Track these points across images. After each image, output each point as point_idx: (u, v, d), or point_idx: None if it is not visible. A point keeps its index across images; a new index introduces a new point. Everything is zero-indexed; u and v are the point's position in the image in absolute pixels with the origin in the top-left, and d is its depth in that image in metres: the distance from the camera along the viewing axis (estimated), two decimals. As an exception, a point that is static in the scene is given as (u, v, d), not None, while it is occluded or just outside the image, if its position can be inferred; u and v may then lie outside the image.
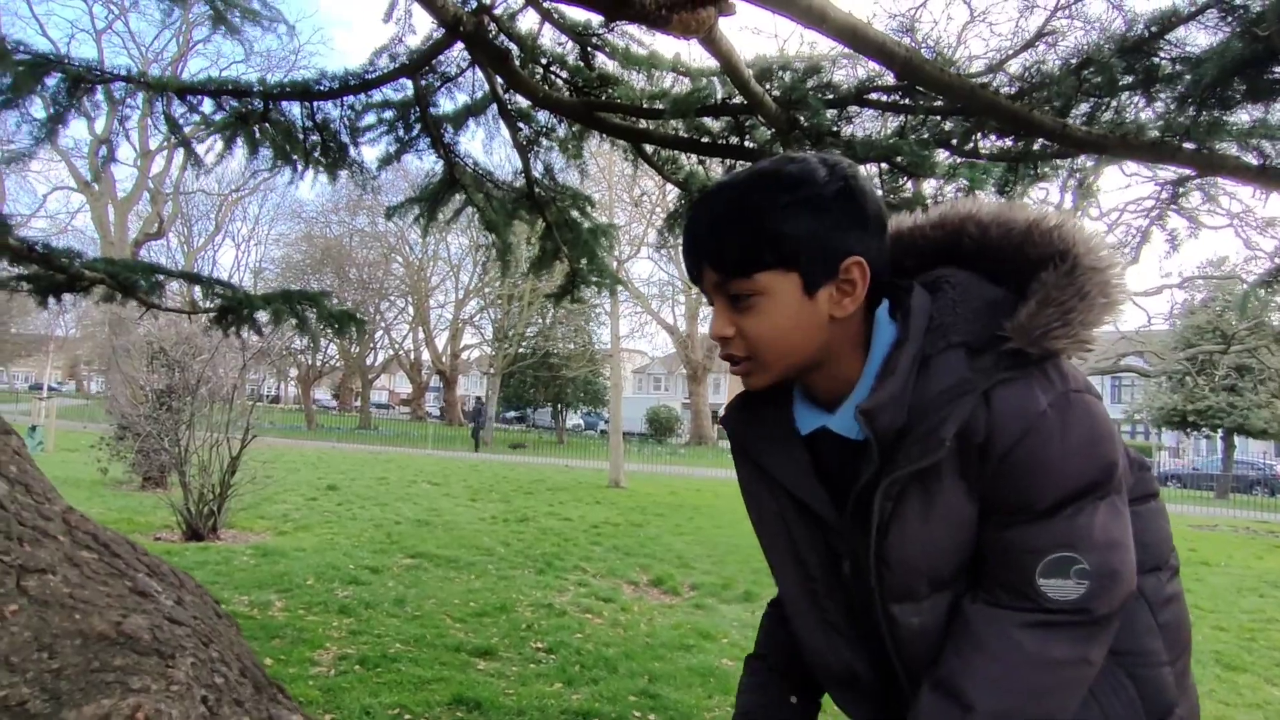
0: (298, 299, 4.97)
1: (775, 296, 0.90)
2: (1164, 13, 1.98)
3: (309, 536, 7.51)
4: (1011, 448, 0.84)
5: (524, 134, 3.60)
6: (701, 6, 1.52)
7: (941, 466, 0.87)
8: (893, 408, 0.88)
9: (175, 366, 8.68)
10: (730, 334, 0.93)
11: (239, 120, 3.96)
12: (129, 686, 0.65)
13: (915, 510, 0.89)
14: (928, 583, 0.92)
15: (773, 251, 0.88)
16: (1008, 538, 0.87)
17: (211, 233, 36.16)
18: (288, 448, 17.10)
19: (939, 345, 0.89)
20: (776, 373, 0.94)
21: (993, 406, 0.84)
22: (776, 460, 1.01)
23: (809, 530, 1.01)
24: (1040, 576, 0.85)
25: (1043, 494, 0.85)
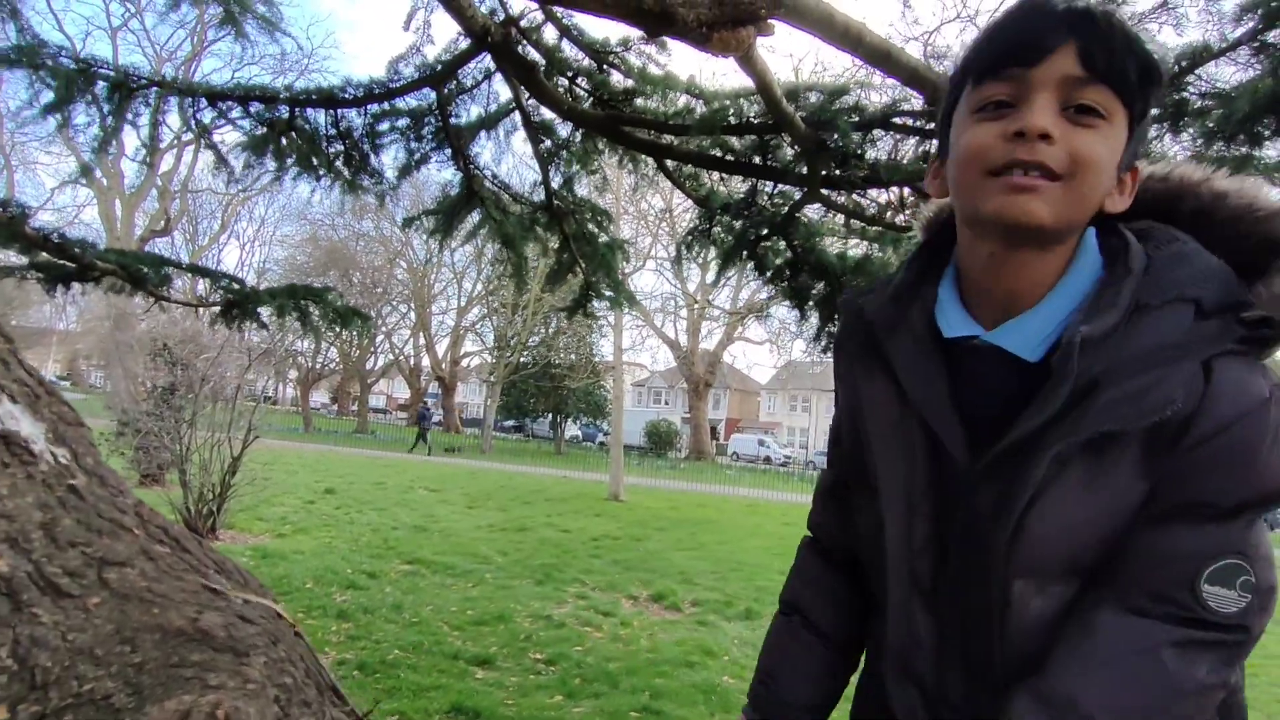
0: (303, 294, 4.99)
1: (1112, 133, 0.74)
2: (1196, 48, 2.00)
3: (307, 539, 7.49)
4: (1219, 432, 0.71)
5: (545, 146, 3.62)
6: (741, 26, 1.54)
7: (1129, 440, 0.73)
8: (1104, 342, 0.74)
9: (179, 364, 8.67)
10: (1055, 136, 0.72)
11: (268, 128, 3.98)
12: (207, 683, 0.65)
13: (1081, 480, 0.75)
14: (1063, 564, 0.78)
15: (1144, 91, 0.74)
16: (1174, 536, 0.74)
17: (217, 232, 36.20)
18: (286, 450, 17.06)
19: (1165, 295, 0.75)
20: (1065, 216, 0.74)
21: (1212, 380, 0.71)
22: (914, 372, 0.86)
23: (929, 464, 0.85)
24: (1206, 583, 0.72)
25: (1235, 492, 0.72)
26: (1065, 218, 0.74)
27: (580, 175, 3.74)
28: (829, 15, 1.73)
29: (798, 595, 1.09)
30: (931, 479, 0.85)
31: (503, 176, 4.47)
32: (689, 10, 1.51)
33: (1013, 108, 0.75)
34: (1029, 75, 0.73)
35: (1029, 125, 0.72)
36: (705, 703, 3.86)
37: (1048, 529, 0.76)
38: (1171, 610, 0.73)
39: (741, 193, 3.24)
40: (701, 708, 3.80)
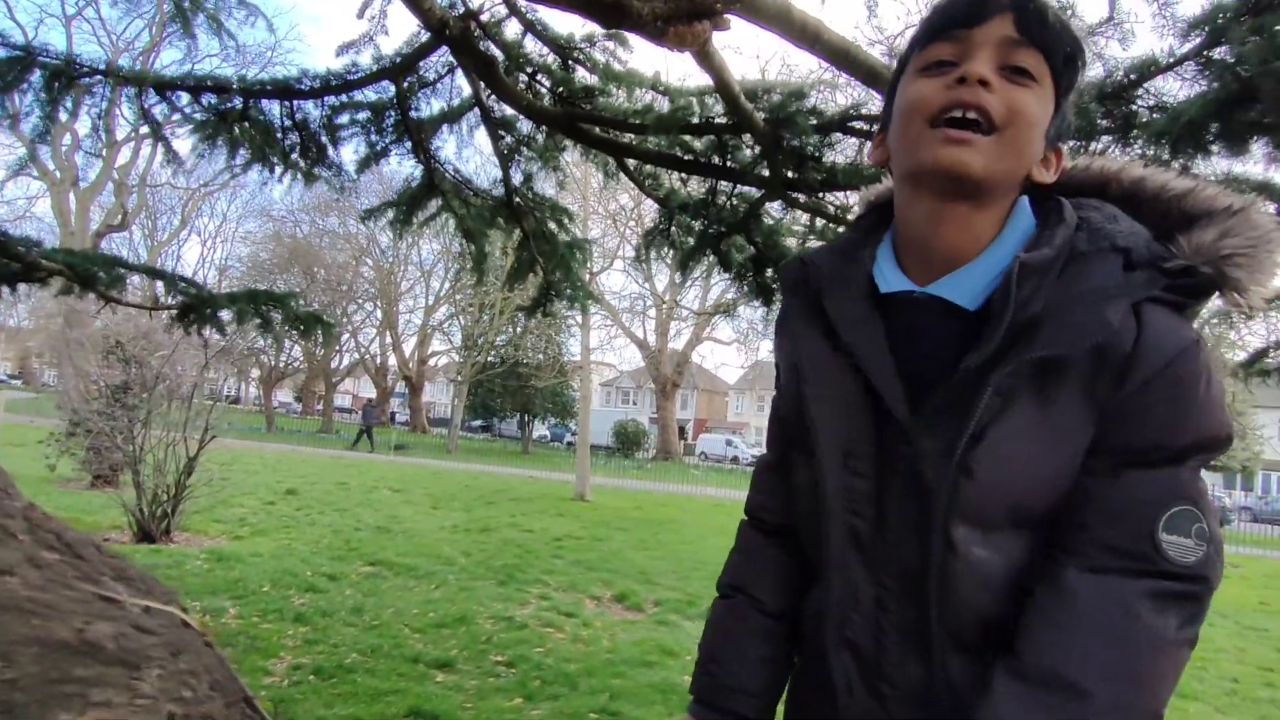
0: (263, 299, 4.88)
1: (1043, 97, 0.81)
2: (1143, 61, 2.03)
3: (266, 541, 7.34)
4: (1160, 371, 0.74)
5: (505, 142, 3.58)
6: (697, 20, 1.52)
7: (1068, 370, 0.75)
8: (1042, 279, 0.77)
9: (132, 362, 8.44)
10: (995, 84, 0.78)
11: (219, 118, 3.88)
12: (90, 699, 0.61)
13: (1026, 416, 0.76)
14: (1010, 511, 0.78)
15: (1069, 65, 0.81)
16: (1127, 483, 0.75)
17: (177, 228, 35.45)
18: (246, 450, 16.73)
19: (1096, 244, 0.79)
20: (996, 168, 0.79)
21: (1143, 321, 0.75)
22: (853, 326, 0.87)
23: (866, 418, 0.85)
24: (1164, 531, 0.73)
25: (1179, 434, 0.75)
26: (995, 170, 0.79)
27: (542, 173, 3.70)
28: (786, 11, 1.72)
29: (739, 576, 1.06)
30: (869, 434, 0.85)
31: (467, 172, 4.44)
32: (644, 3, 1.49)
33: (955, 65, 0.81)
34: (970, 35, 0.80)
35: (969, 71, 0.78)
36: (663, 702, 3.85)
37: (993, 468, 0.76)
38: (1136, 564, 0.74)
39: (701, 193, 3.23)
40: (659, 707, 3.79)
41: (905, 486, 0.82)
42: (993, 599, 0.79)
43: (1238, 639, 7.28)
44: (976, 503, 0.77)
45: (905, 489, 0.82)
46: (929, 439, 0.80)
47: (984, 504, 0.77)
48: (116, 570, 0.85)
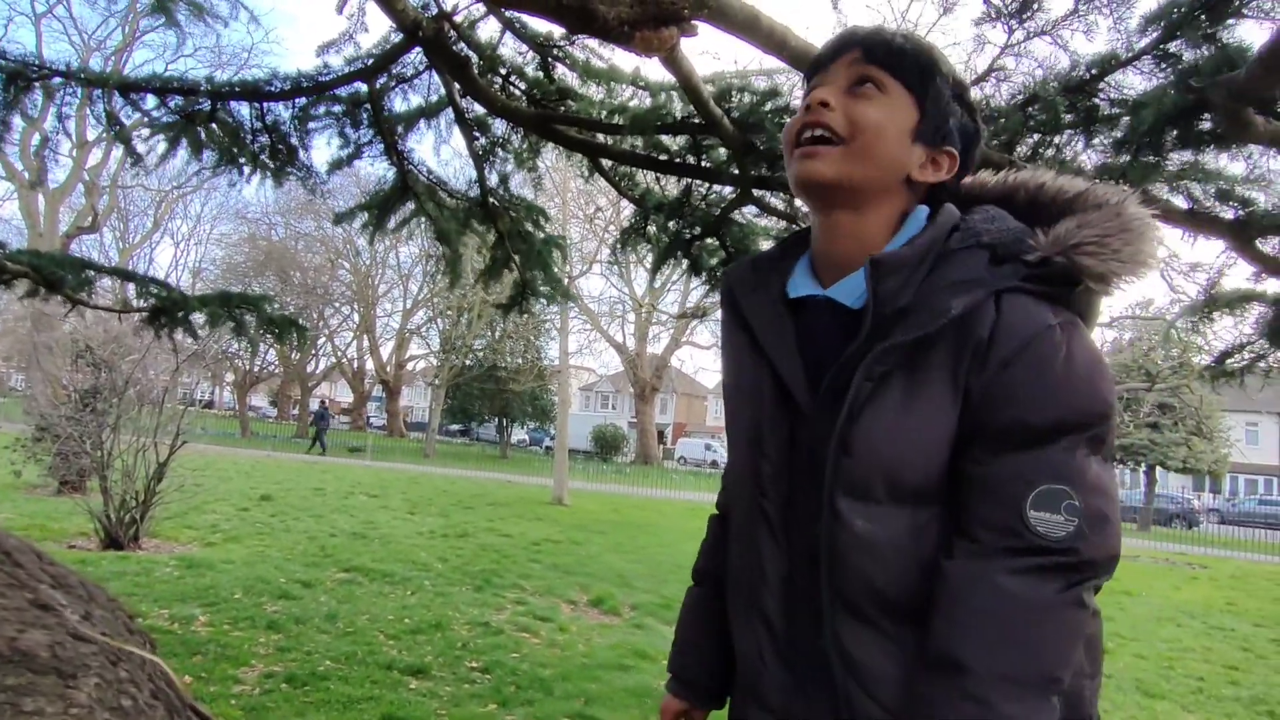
0: (237, 302, 4.82)
1: (894, 105, 0.91)
2: (1104, 56, 2.07)
3: (239, 548, 7.24)
4: (1015, 354, 0.81)
5: (480, 143, 3.56)
6: (664, 26, 1.52)
7: (933, 356, 0.83)
8: (904, 273, 0.86)
9: (102, 366, 8.30)
10: (833, 104, 0.91)
11: (185, 120, 3.83)
12: (21, 708, 0.59)
13: (896, 397, 0.84)
14: (886, 484, 0.84)
15: (921, 79, 0.92)
16: (998, 465, 0.82)
17: (149, 230, 34.83)
18: (220, 455, 16.50)
19: (964, 242, 0.87)
20: (845, 171, 0.90)
21: (1002, 309, 0.82)
22: (766, 326, 0.97)
23: (776, 408, 0.94)
24: (1031, 508, 0.79)
25: (1040, 412, 0.80)
26: (848, 174, 0.90)
27: (519, 174, 3.69)
28: (754, 17, 1.73)
29: (706, 564, 1.16)
30: (781, 422, 0.94)
31: (442, 172, 4.40)
32: (610, 8, 1.49)
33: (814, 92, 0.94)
34: (827, 70, 0.94)
35: (812, 97, 0.92)
36: (639, 706, 3.84)
37: (869, 442, 0.84)
38: (1007, 541, 0.79)
39: (676, 193, 3.23)
40: (634, 711, 3.78)
41: (807, 467, 0.90)
42: (879, 569, 0.85)
43: (1204, 638, 7.39)
44: (854, 476, 0.84)
45: (807, 470, 0.90)
46: (823, 420, 0.88)
47: (860, 477, 0.84)
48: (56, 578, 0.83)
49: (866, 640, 0.86)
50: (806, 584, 0.90)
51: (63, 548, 6.64)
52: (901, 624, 0.85)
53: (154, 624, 4.48)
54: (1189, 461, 24.62)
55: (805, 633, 0.91)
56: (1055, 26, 2.17)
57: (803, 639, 0.92)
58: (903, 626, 0.85)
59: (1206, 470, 25.53)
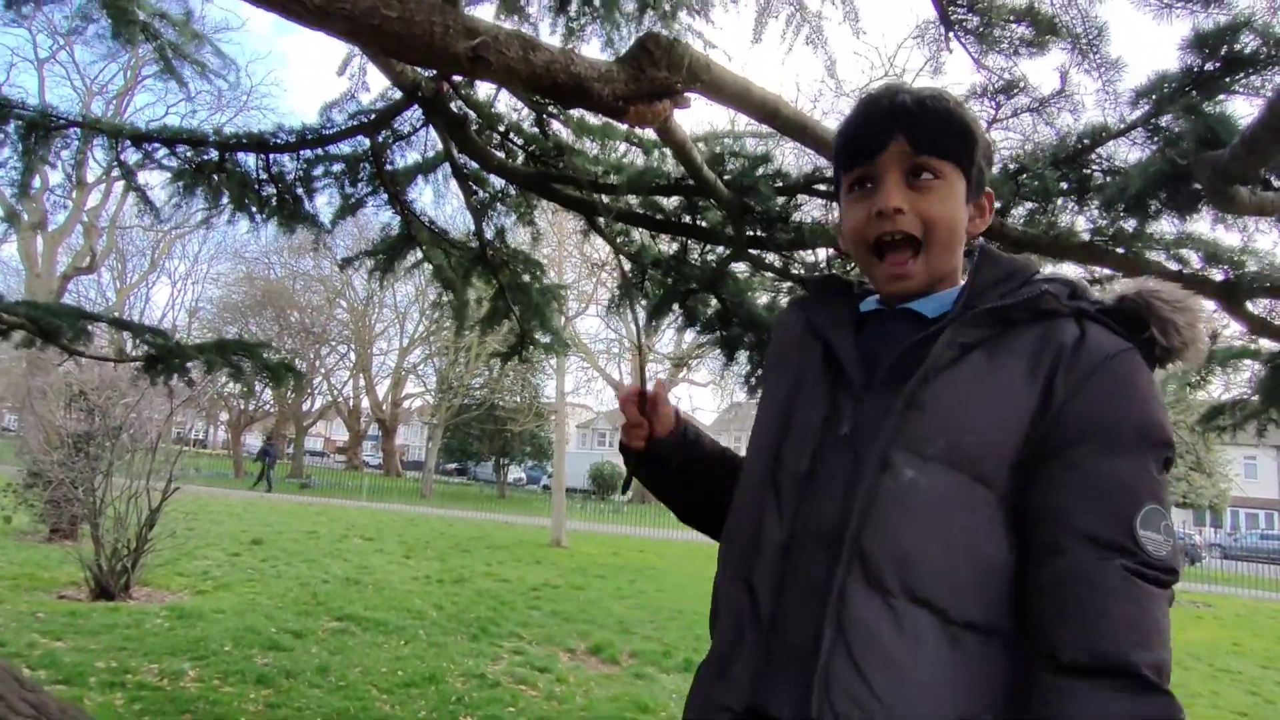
0: (233, 349, 4.83)
1: (952, 186, 0.96)
2: (1095, 128, 2.12)
3: (229, 596, 7.15)
4: (1100, 364, 0.84)
5: (478, 197, 3.60)
6: (658, 99, 1.55)
7: (1015, 343, 0.87)
8: (999, 270, 0.94)
9: (96, 411, 8.26)
10: (906, 207, 0.94)
11: (195, 169, 3.88)
12: None
13: (977, 366, 0.87)
14: (946, 446, 0.85)
15: (965, 149, 0.97)
16: (1102, 473, 0.82)
17: (146, 270, 34.95)
18: (212, 497, 16.35)
19: (1044, 275, 0.95)
20: (931, 267, 0.96)
21: (1086, 330, 0.87)
22: (827, 321, 1.02)
23: (817, 387, 0.97)
24: (1140, 527, 0.80)
25: (1127, 419, 0.83)
26: (934, 271, 0.97)
27: (516, 227, 3.73)
28: (746, 88, 1.77)
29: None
30: (816, 398, 0.96)
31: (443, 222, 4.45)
32: (604, 85, 1.52)
33: (871, 185, 0.98)
34: (875, 163, 0.97)
35: (885, 205, 0.95)
36: (639, 766, 3.76)
37: (942, 402, 0.86)
38: (1121, 558, 0.80)
39: (671, 250, 3.27)
40: (635, 772, 3.70)
41: (843, 440, 0.91)
42: (914, 530, 0.84)
43: (1212, 683, 7.30)
44: (918, 432, 0.85)
45: (843, 442, 0.91)
46: (882, 394, 0.90)
47: (924, 434, 0.85)
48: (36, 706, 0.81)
49: (876, 610, 0.82)
50: (805, 560, 0.88)
51: (53, 598, 6.55)
52: (918, 606, 0.82)
53: (143, 680, 4.40)
54: (1189, 497, 24.53)
55: (792, 613, 0.88)
56: (1043, 105, 2.23)
57: (788, 620, 0.88)
58: (918, 610, 0.82)
59: (1207, 505, 25.40)
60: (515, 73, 1.42)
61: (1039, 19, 2.07)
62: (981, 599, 0.84)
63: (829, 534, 0.87)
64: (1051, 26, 2.01)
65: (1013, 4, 2.10)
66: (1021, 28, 2.28)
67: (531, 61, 1.43)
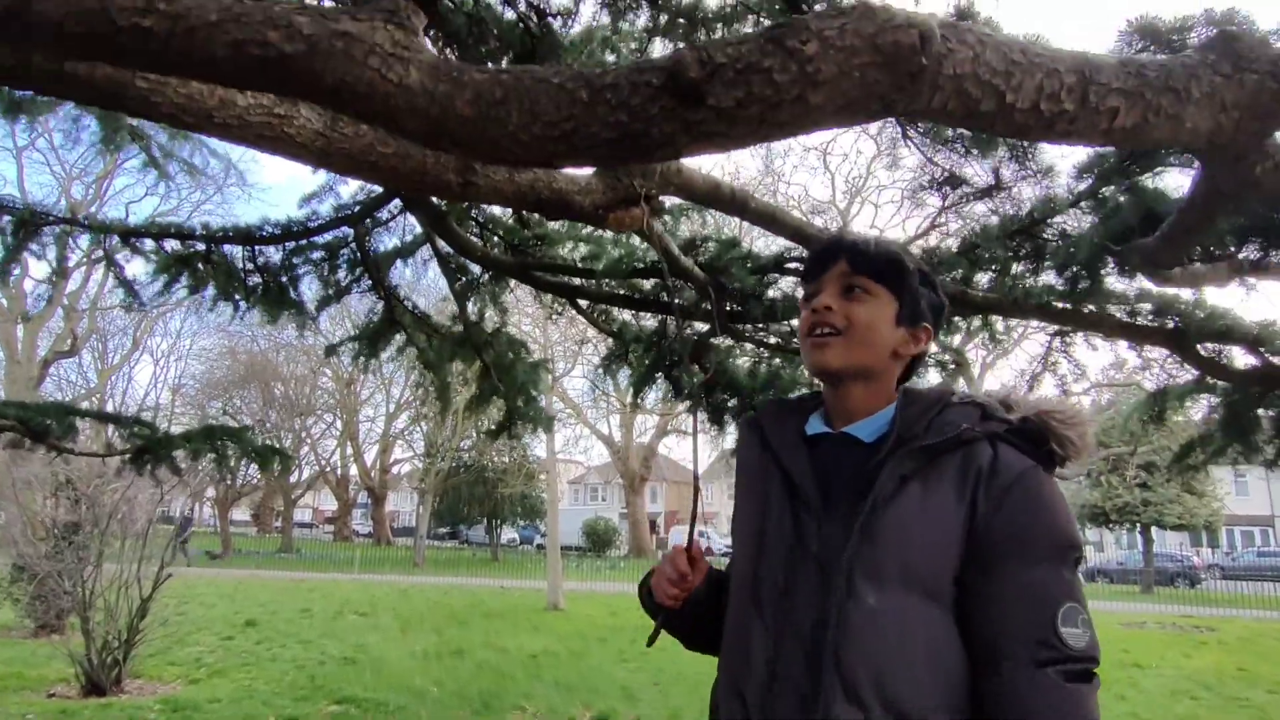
0: (219, 435, 4.87)
1: (880, 304, 1.16)
2: (1044, 202, 2.30)
3: (224, 684, 7.00)
4: (1013, 482, 1.02)
5: (460, 283, 3.71)
6: (634, 205, 1.66)
7: (944, 471, 1.04)
8: (922, 407, 1.11)
9: (84, 501, 8.17)
10: (835, 307, 1.15)
11: (180, 261, 3.97)
12: None
13: (914, 497, 1.03)
14: (899, 569, 1.00)
15: (897, 279, 1.17)
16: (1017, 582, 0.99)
17: (129, 350, 34.78)
18: (201, 578, 16.06)
19: (962, 400, 1.13)
20: (849, 359, 1.15)
21: (999, 452, 1.05)
22: (784, 446, 1.18)
23: (784, 509, 1.12)
24: (1062, 625, 0.97)
25: (1040, 532, 1.01)
26: (851, 359, 1.15)
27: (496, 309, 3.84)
28: (715, 186, 1.89)
29: None
30: (784, 520, 1.11)
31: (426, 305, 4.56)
32: (585, 197, 1.62)
33: (818, 296, 1.19)
34: (822, 277, 1.19)
35: (818, 302, 1.18)
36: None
37: (890, 532, 1.01)
38: (1046, 654, 0.96)
39: (653, 326, 3.39)
40: None
41: (811, 558, 1.06)
42: (884, 648, 0.98)
43: (1221, 714, 7.24)
44: (874, 559, 1.01)
45: (811, 560, 1.05)
46: (840, 518, 1.05)
47: (879, 560, 1.01)
48: None
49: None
50: (792, 671, 1.02)
51: (42, 697, 6.40)
52: (892, 717, 0.96)
53: (140, 783, 4.31)
54: (1184, 519, 24.52)
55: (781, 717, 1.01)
56: (983, 196, 2.41)
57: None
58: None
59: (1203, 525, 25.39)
60: (502, 193, 1.52)
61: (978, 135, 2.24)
62: (948, 702, 0.99)
63: (809, 649, 1.02)
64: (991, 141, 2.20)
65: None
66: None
67: (516, 182, 1.54)
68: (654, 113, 0.78)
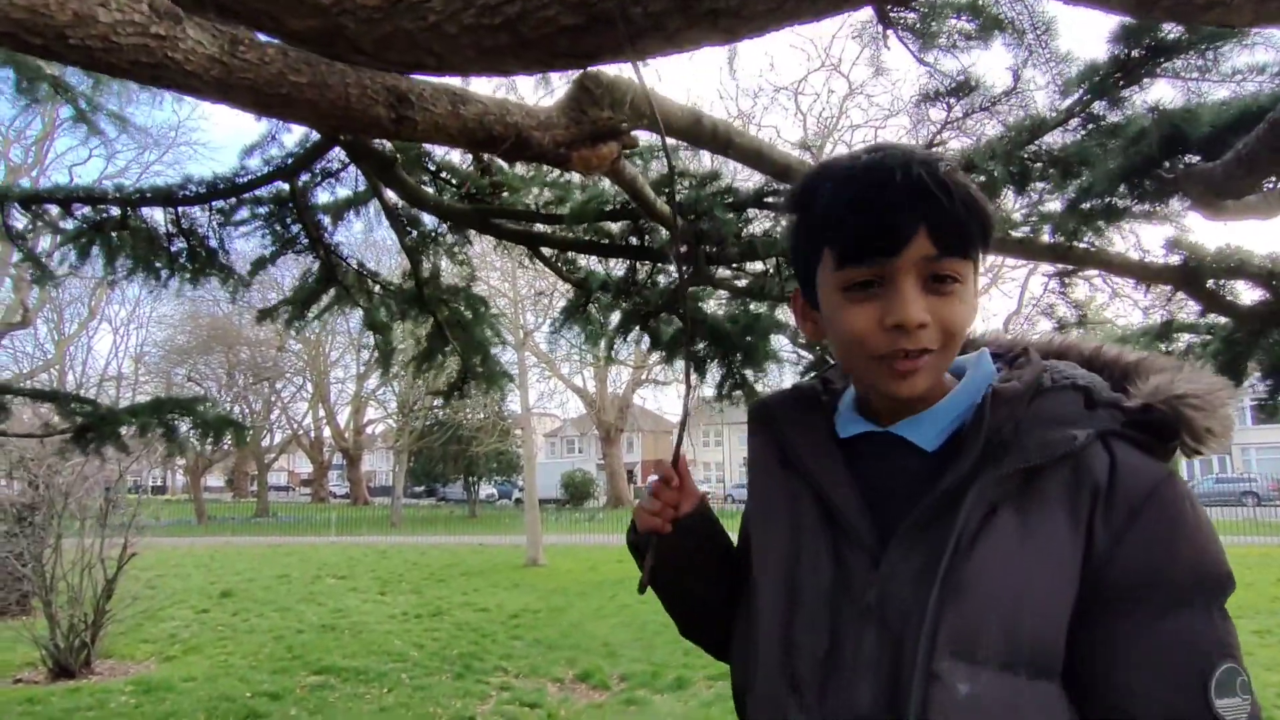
0: (169, 408, 4.62)
1: (969, 286, 0.81)
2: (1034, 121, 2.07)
3: (200, 660, 6.85)
4: (1143, 502, 0.72)
5: (412, 238, 3.44)
6: (602, 142, 1.43)
7: (1045, 492, 0.74)
8: (1014, 405, 0.78)
9: (38, 481, 7.85)
10: (929, 320, 0.77)
11: (94, 229, 3.67)
12: None
13: (1010, 528, 0.73)
14: (1002, 636, 0.70)
15: (984, 236, 0.80)
16: (1163, 639, 0.70)
17: (85, 319, 33.69)
18: (176, 548, 15.80)
19: (1059, 382, 0.80)
20: (940, 368, 0.82)
21: (1115, 455, 0.75)
22: (815, 460, 0.87)
23: (820, 547, 0.82)
24: (1216, 696, 0.68)
25: (1182, 566, 0.71)
26: (943, 371, 0.83)
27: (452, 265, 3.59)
28: (696, 119, 1.66)
29: None
30: (821, 561, 0.81)
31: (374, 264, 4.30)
32: (544, 133, 1.39)
33: (880, 286, 0.79)
34: (892, 262, 0.77)
35: (906, 319, 0.76)
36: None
37: (982, 586, 0.71)
38: None
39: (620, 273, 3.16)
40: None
41: (870, 615, 0.76)
42: None
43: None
44: (965, 626, 0.70)
45: (866, 620, 0.76)
46: (906, 561, 0.75)
47: (973, 629, 0.70)
48: None
49: None
50: None
51: (9, 683, 6.20)
52: None
53: (108, 771, 4.16)
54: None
55: None
56: (994, 104, 2.16)
57: None
58: None
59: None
60: (445, 130, 1.28)
61: (982, 12, 1.99)
62: None
63: None
64: (996, 21, 1.93)
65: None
66: (962, 21, 2.21)
67: (462, 115, 1.29)
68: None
